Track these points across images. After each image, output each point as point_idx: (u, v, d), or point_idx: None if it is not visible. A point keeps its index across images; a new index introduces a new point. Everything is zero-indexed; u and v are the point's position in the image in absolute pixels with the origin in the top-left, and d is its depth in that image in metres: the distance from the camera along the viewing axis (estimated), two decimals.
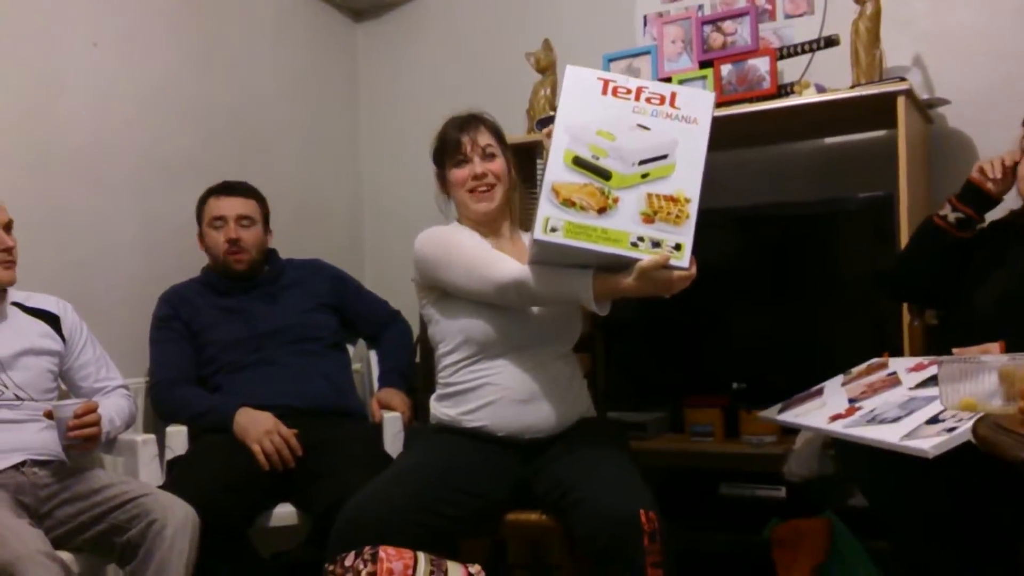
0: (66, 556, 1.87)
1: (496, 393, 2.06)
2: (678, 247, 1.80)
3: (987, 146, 2.66)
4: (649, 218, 1.79)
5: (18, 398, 2.11)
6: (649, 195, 1.79)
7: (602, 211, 1.78)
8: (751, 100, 2.57)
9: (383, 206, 3.76)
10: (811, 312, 2.64)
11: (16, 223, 2.17)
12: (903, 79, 2.40)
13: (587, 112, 1.80)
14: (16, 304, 2.23)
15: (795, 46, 2.70)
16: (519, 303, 2.01)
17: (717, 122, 2.54)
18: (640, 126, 1.81)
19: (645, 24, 3.19)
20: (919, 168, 2.52)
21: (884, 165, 2.48)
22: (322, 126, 3.61)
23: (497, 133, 2.21)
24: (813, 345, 2.60)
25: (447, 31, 3.62)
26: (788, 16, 2.97)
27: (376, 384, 2.70)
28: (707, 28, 2.71)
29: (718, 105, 2.57)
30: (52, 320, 2.26)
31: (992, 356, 1.66)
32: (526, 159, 2.92)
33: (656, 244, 1.78)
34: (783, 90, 2.59)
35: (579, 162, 1.78)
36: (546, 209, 1.76)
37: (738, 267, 2.74)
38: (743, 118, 2.57)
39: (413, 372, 2.74)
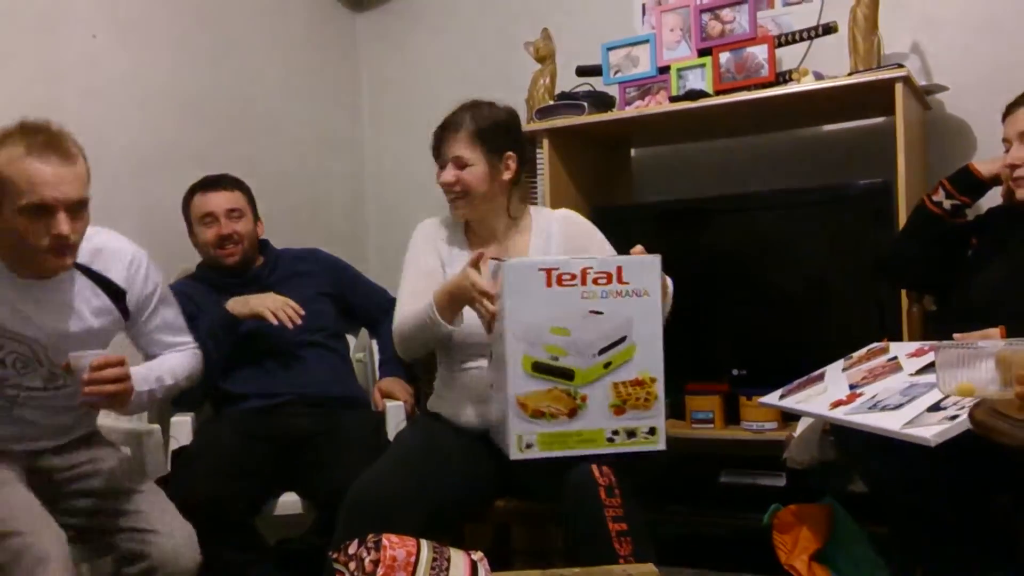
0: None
1: (463, 393, 2.11)
2: (652, 431, 1.80)
3: (985, 132, 2.67)
4: (620, 409, 1.78)
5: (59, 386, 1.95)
6: (615, 384, 1.77)
7: (573, 413, 1.76)
8: (749, 88, 2.57)
9: (386, 197, 3.76)
10: (810, 299, 2.65)
11: None
12: (901, 66, 2.41)
13: (536, 310, 1.73)
14: (81, 267, 1.96)
15: (793, 33, 2.71)
16: (400, 351, 2.14)
17: (717, 109, 2.60)
18: (592, 312, 1.75)
19: (644, 13, 3.19)
20: (917, 154, 2.53)
21: (882, 152, 2.48)
22: (323, 116, 3.61)
23: (482, 135, 2.13)
24: (813, 332, 2.61)
25: (446, 20, 3.62)
26: (786, 4, 2.97)
27: (378, 373, 2.71)
28: (705, 16, 2.71)
29: (717, 93, 2.61)
30: (116, 295, 2.01)
31: (990, 341, 1.66)
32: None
33: (631, 433, 1.79)
34: (781, 78, 2.60)
35: (539, 368, 1.74)
36: (516, 425, 1.73)
37: (737, 254, 2.75)
38: (741, 106, 2.58)
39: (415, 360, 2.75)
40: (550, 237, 2.20)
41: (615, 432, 1.78)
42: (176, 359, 2.12)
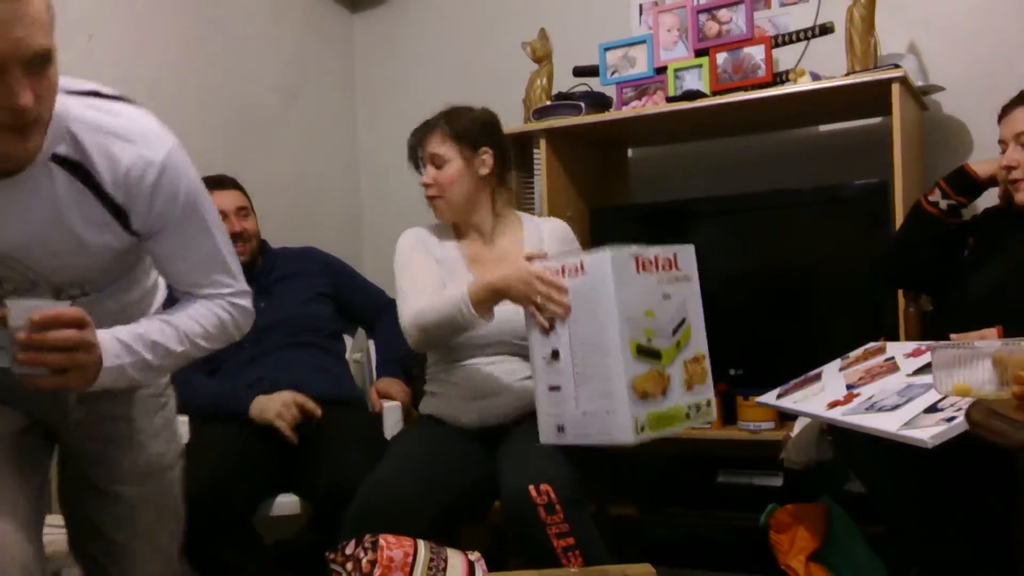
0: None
1: (453, 390, 2.14)
2: (709, 403, 1.92)
3: (981, 133, 2.67)
4: (689, 386, 1.86)
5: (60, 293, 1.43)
6: (684, 363, 1.86)
7: (664, 393, 1.81)
8: (746, 88, 2.57)
9: (381, 196, 3.76)
10: (807, 299, 2.66)
11: None
12: (897, 66, 2.41)
13: (634, 296, 1.79)
14: (60, 160, 1.38)
15: (790, 34, 2.71)
16: (416, 341, 2.08)
17: (714, 109, 2.60)
18: (664, 296, 1.84)
19: (641, 13, 3.19)
20: (914, 155, 2.53)
21: (879, 152, 2.49)
22: (319, 116, 3.61)
23: (455, 131, 2.18)
24: (810, 331, 2.62)
25: (443, 21, 3.61)
26: (783, 4, 2.97)
27: (376, 373, 2.71)
28: (702, 16, 2.71)
29: (714, 93, 2.61)
30: (118, 213, 1.41)
31: (986, 342, 1.67)
32: (523, 148, 2.93)
33: (697, 408, 1.88)
34: (778, 78, 2.60)
35: (641, 350, 1.78)
36: (631, 408, 1.75)
37: (734, 254, 2.75)
38: (738, 106, 2.58)
39: (411, 361, 2.75)
40: (541, 241, 2.23)
41: (690, 408, 1.86)
42: (196, 314, 1.51)
